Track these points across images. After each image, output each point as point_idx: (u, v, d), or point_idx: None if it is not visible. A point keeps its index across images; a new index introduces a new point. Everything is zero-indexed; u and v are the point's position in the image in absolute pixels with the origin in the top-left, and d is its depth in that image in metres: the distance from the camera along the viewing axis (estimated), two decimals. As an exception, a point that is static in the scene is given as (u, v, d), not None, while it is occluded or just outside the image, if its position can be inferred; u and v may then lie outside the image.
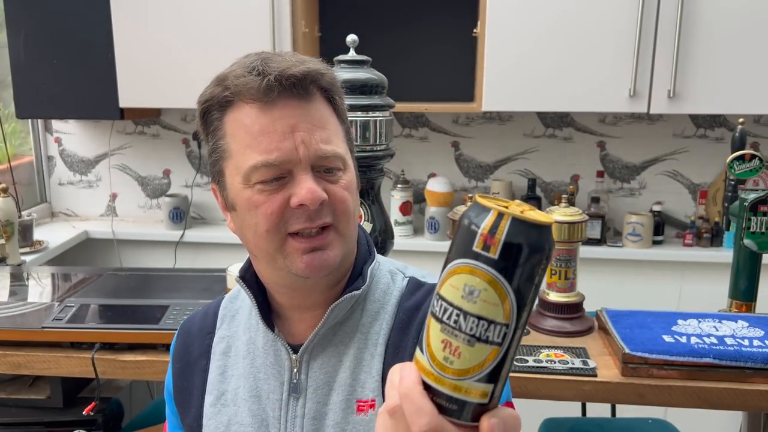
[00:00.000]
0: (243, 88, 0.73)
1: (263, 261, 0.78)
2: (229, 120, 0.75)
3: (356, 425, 0.77)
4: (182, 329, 0.91)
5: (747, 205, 1.52)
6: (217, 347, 0.86)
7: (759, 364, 1.27)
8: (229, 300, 0.90)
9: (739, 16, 2.05)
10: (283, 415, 0.79)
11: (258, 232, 0.74)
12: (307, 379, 0.79)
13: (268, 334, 0.81)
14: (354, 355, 0.79)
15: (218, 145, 0.76)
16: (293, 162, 0.73)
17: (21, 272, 1.86)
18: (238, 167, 0.74)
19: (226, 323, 0.87)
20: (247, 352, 0.83)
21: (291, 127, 0.73)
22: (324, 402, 0.79)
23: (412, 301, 0.81)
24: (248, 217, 0.75)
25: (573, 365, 1.34)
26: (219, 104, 0.75)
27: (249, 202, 0.74)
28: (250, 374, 0.82)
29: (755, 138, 2.46)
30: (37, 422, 1.55)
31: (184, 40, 2.30)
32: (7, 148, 2.58)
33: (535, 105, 2.22)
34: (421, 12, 2.51)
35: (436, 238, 2.50)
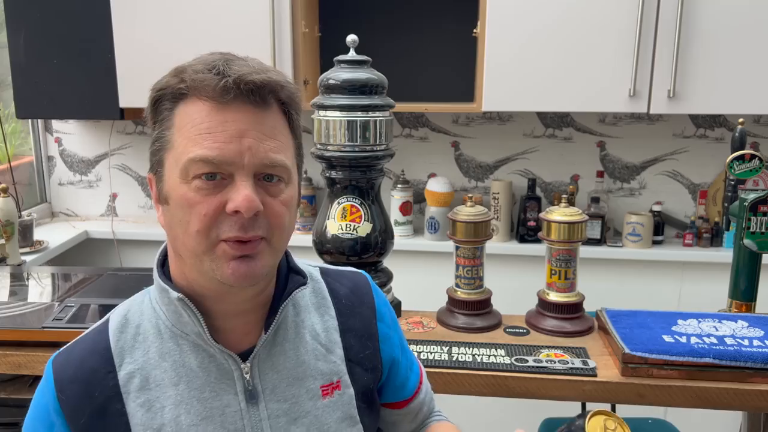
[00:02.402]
0: (199, 84, 0.72)
1: (189, 261, 0.75)
2: (179, 113, 0.73)
3: (326, 408, 0.82)
4: (61, 379, 0.76)
5: (747, 205, 1.52)
6: (129, 385, 0.76)
7: (759, 364, 1.27)
8: (118, 331, 0.79)
9: (739, 17, 2.05)
10: (248, 424, 0.78)
11: (188, 231, 0.72)
12: (261, 383, 0.80)
13: (200, 351, 0.78)
14: (302, 349, 0.83)
15: (163, 135, 0.74)
16: (235, 165, 0.71)
17: (21, 272, 1.86)
18: (177, 160, 0.72)
19: (128, 356, 0.77)
20: (176, 378, 0.77)
21: (240, 132, 0.72)
22: (284, 398, 0.81)
23: (343, 288, 0.90)
24: (180, 214, 0.73)
25: (573, 365, 1.34)
26: (172, 95, 0.74)
27: (184, 199, 0.72)
28: (190, 398, 0.77)
29: (755, 138, 2.46)
30: (37, 422, 1.55)
31: (184, 40, 2.30)
32: (7, 148, 2.58)
33: (535, 105, 2.22)
34: (421, 12, 2.51)
35: (436, 238, 2.50)
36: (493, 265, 1.97)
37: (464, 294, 1.56)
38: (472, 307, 1.55)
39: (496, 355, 1.39)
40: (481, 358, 1.38)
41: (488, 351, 1.41)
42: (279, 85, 0.75)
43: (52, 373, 0.77)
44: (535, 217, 2.47)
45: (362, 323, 0.90)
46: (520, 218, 2.52)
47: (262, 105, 0.74)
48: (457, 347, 1.43)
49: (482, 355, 1.39)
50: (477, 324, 1.53)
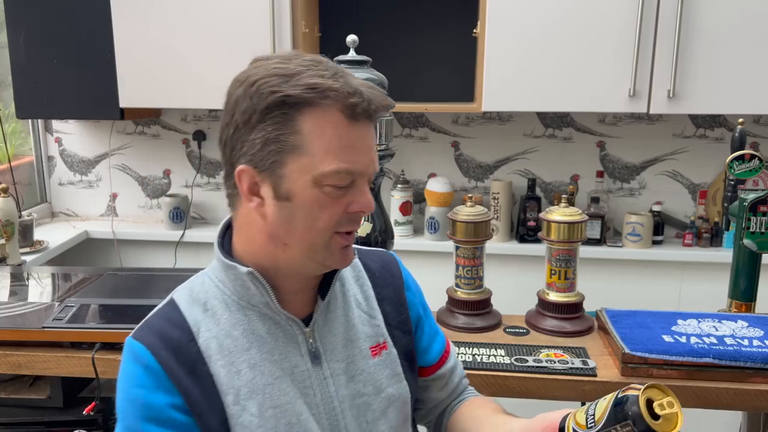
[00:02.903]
0: (339, 98, 0.79)
1: (298, 250, 0.84)
2: (309, 119, 0.79)
3: (377, 366, 0.94)
4: (153, 346, 0.84)
5: (747, 205, 1.52)
6: (209, 350, 0.85)
7: (759, 363, 1.27)
8: (189, 307, 0.88)
9: (739, 17, 2.05)
10: (315, 382, 0.88)
11: (314, 226, 0.82)
12: (321, 345, 0.90)
13: (267, 319, 0.87)
14: (351, 315, 0.94)
15: (284, 138, 0.79)
16: (363, 175, 0.83)
17: (21, 272, 1.86)
18: (312, 167, 0.80)
19: (203, 327, 0.86)
20: (248, 344, 0.86)
21: (368, 147, 0.84)
22: (342, 358, 0.91)
23: (374, 264, 1.03)
24: (307, 212, 0.82)
25: (573, 365, 1.35)
26: (299, 102, 0.79)
27: (315, 200, 0.81)
28: (263, 361, 0.86)
29: (755, 138, 2.46)
30: (37, 422, 1.55)
31: (185, 40, 2.30)
32: (8, 148, 2.59)
33: (535, 105, 2.22)
34: (421, 12, 2.51)
35: (436, 238, 2.50)
36: (493, 265, 1.97)
37: (464, 294, 1.56)
38: (472, 307, 1.55)
39: (496, 355, 1.39)
40: (481, 358, 1.38)
41: (488, 351, 1.41)
42: (392, 107, 0.87)
43: (141, 344, 0.84)
44: (535, 217, 2.47)
45: (394, 293, 1.02)
46: (520, 218, 2.52)
47: (375, 123, 0.86)
48: (457, 347, 1.43)
49: (482, 355, 1.39)
50: (477, 324, 1.54)
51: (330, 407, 0.89)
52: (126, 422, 0.83)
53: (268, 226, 0.84)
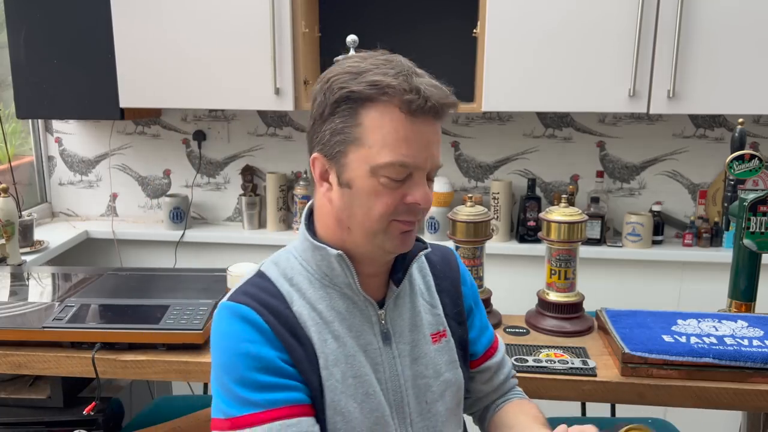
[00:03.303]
0: (397, 94, 0.85)
1: (360, 235, 0.91)
2: (370, 114, 0.86)
3: (437, 352, 1.00)
4: (257, 308, 0.90)
5: (746, 205, 1.52)
6: (302, 318, 0.91)
7: (758, 363, 1.27)
8: (280, 279, 0.95)
9: (739, 17, 2.05)
10: (386, 360, 0.95)
11: (370, 214, 0.89)
12: (392, 327, 0.97)
13: (347, 299, 0.94)
14: (416, 302, 1.01)
15: (348, 130, 0.87)
16: (419, 169, 0.88)
17: (21, 272, 1.86)
18: (369, 158, 0.86)
19: (295, 298, 0.93)
20: (331, 318, 0.93)
21: (428, 142, 0.89)
22: (407, 341, 0.98)
23: (435, 256, 1.09)
24: (364, 200, 0.88)
25: (573, 365, 1.35)
26: (361, 98, 0.86)
27: (372, 189, 0.87)
28: (344, 335, 0.93)
29: (755, 138, 2.47)
30: (37, 422, 1.55)
31: (185, 40, 2.30)
32: (8, 148, 2.59)
33: (535, 105, 2.22)
34: (421, 12, 2.51)
35: (436, 238, 2.50)
36: (493, 265, 1.97)
37: (464, 294, 1.56)
38: (472, 307, 1.55)
39: (496, 355, 1.39)
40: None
41: (488, 351, 1.41)
42: (455, 106, 0.92)
43: (246, 306, 0.90)
44: (535, 217, 2.47)
45: (452, 285, 1.08)
46: (520, 218, 2.52)
47: (441, 120, 0.91)
48: (457, 347, 1.43)
49: (482, 355, 1.39)
50: (477, 324, 1.53)
51: (396, 384, 0.96)
52: (235, 375, 0.87)
53: (334, 211, 0.92)
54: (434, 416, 0.99)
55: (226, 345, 0.89)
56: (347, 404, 0.90)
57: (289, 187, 2.68)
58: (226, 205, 2.80)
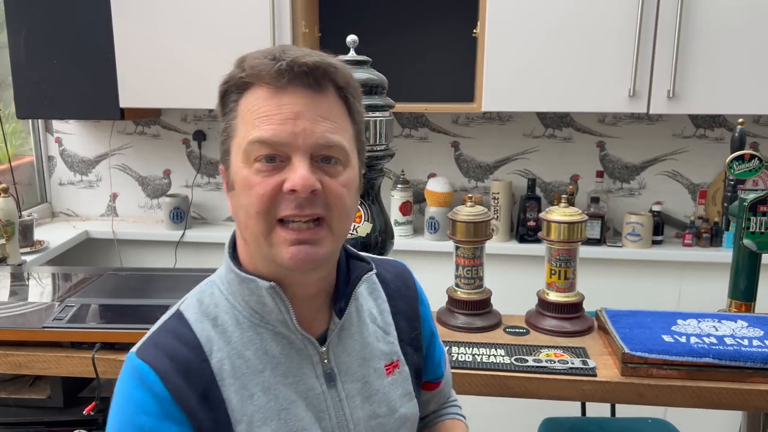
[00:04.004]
0: (256, 70, 0.75)
1: (252, 245, 0.78)
2: (243, 102, 0.76)
3: (391, 385, 0.89)
4: (162, 369, 0.75)
5: (746, 205, 1.52)
6: (222, 372, 0.78)
7: (758, 363, 1.27)
8: (198, 322, 0.80)
9: (739, 17, 2.05)
10: (331, 404, 0.83)
11: (249, 213, 0.75)
12: (336, 365, 0.84)
13: (281, 339, 0.81)
14: (365, 332, 0.88)
15: (229, 125, 0.77)
16: (291, 147, 0.73)
17: (21, 272, 1.86)
18: (239, 145, 0.76)
19: (214, 345, 0.78)
20: (261, 366, 0.79)
21: (296, 114, 0.74)
22: (357, 379, 0.86)
23: (388, 274, 0.96)
24: (243, 198, 0.75)
25: (573, 365, 1.35)
26: (236, 86, 0.77)
27: (245, 182, 0.75)
28: (276, 384, 0.80)
29: (755, 138, 2.47)
30: (37, 422, 1.55)
31: (185, 40, 2.30)
32: (8, 148, 2.59)
33: (535, 105, 2.22)
34: (421, 12, 2.52)
35: (436, 238, 2.50)
36: (493, 265, 1.97)
37: (464, 294, 1.56)
38: (472, 307, 1.55)
39: (496, 355, 1.39)
40: (481, 358, 1.38)
41: (488, 351, 1.41)
42: (332, 67, 0.76)
43: (148, 366, 0.76)
44: (535, 217, 2.47)
45: (408, 306, 0.95)
46: (520, 218, 2.52)
47: (317, 88, 0.75)
48: (457, 347, 1.43)
49: (482, 355, 1.39)
50: (477, 324, 1.54)
51: (345, 431, 0.84)
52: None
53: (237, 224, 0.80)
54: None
55: (121, 412, 0.76)
56: None
57: (289, 187, 2.67)
58: (226, 205, 2.79)
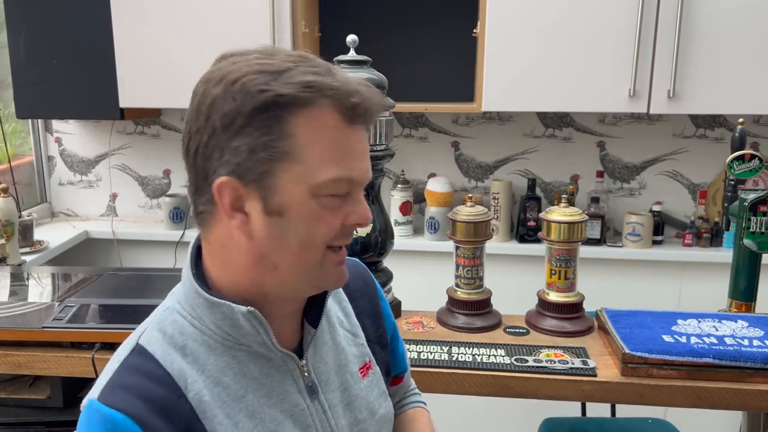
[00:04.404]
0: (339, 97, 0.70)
1: (290, 272, 0.74)
2: (301, 122, 0.69)
3: (367, 388, 0.88)
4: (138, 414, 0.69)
5: (747, 205, 1.52)
6: (202, 405, 0.73)
7: (759, 364, 1.27)
8: (166, 355, 0.74)
9: (739, 16, 2.05)
10: (316, 419, 0.81)
11: (309, 243, 0.73)
12: (317, 377, 0.83)
13: (259, 358, 0.77)
14: (336, 337, 0.87)
15: (274, 144, 0.69)
16: (360, 183, 0.75)
17: (21, 272, 1.86)
18: (308, 176, 0.70)
19: (189, 378, 0.73)
20: (242, 390, 0.76)
21: (364, 151, 0.75)
22: (336, 387, 0.84)
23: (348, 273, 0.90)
24: (303, 228, 0.72)
25: (573, 365, 1.35)
26: (291, 103, 0.69)
27: (312, 213, 0.72)
28: (261, 406, 0.76)
29: (755, 138, 2.47)
30: (37, 422, 1.55)
31: (184, 40, 2.30)
32: (8, 148, 2.59)
33: (535, 105, 2.22)
34: (421, 12, 2.51)
35: (436, 238, 2.50)
36: (493, 265, 1.97)
37: (464, 294, 1.56)
38: (472, 307, 1.55)
39: (496, 355, 1.39)
40: (481, 358, 1.38)
41: (488, 351, 1.41)
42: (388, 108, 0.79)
43: (121, 414, 0.69)
44: (535, 217, 2.47)
45: (370, 304, 0.95)
46: (520, 218, 2.52)
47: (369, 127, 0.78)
48: (457, 347, 1.43)
49: (482, 355, 1.39)
50: (477, 324, 1.54)
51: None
52: None
53: (254, 247, 0.73)
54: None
55: None
56: None
57: (289, 187, 2.67)
58: (226, 205, 2.80)
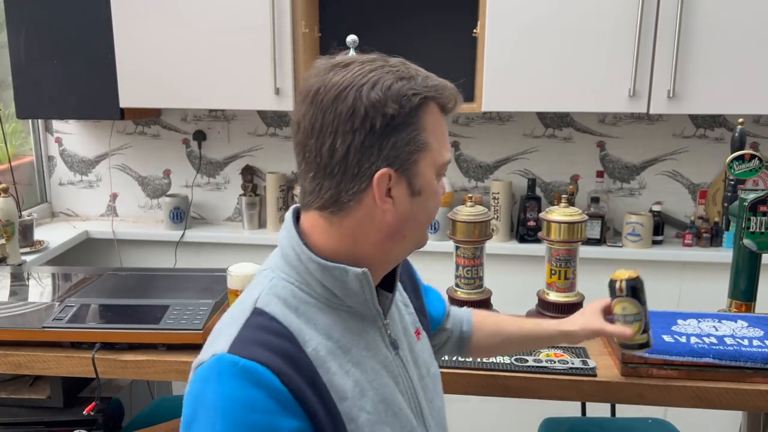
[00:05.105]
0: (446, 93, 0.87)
1: (412, 240, 0.90)
2: (425, 117, 0.84)
3: (422, 349, 1.00)
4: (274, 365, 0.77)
5: (746, 205, 1.52)
6: (318, 358, 0.81)
7: (758, 363, 1.27)
8: (284, 316, 0.83)
9: (739, 17, 2.05)
10: (401, 371, 0.92)
11: (431, 215, 0.90)
12: (395, 335, 0.94)
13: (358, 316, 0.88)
14: (398, 304, 1.00)
15: (416, 137, 0.83)
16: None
17: (21, 272, 1.86)
18: (434, 161, 0.86)
19: (306, 335, 0.82)
20: (349, 345, 0.85)
21: None
22: (405, 346, 0.96)
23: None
24: (430, 203, 0.88)
25: (573, 365, 1.35)
26: (425, 102, 0.84)
27: (435, 190, 0.88)
28: (362, 358, 0.86)
29: (755, 138, 2.47)
30: (37, 422, 1.55)
31: (184, 40, 2.30)
32: (8, 148, 2.59)
33: (535, 105, 2.22)
34: (421, 12, 2.51)
35: (436, 238, 2.50)
36: (493, 265, 1.97)
37: (464, 294, 1.56)
38: (472, 307, 1.55)
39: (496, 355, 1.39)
40: (481, 358, 1.38)
41: (488, 351, 1.41)
42: None
43: (258, 364, 0.76)
44: (535, 217, 2.47)
45: (409, 278, 1.09)
46: (520, 218, 2.52)
47: None
48: (457, 347, 1.43)
49: (482, 355, 1.39)
50: (477, 324, 1.53)
51: (413, 391, 0.93)
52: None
53: (395, 223, 0.85)
54: (438, 412, 0.99)
55: (229, 415, 0.74)
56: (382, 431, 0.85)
57: (289, 187, 2.68)
58: (226, 205, 2.80)
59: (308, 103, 0.83)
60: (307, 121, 0.83)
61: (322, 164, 0.82)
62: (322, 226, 0.86)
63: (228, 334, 0.80)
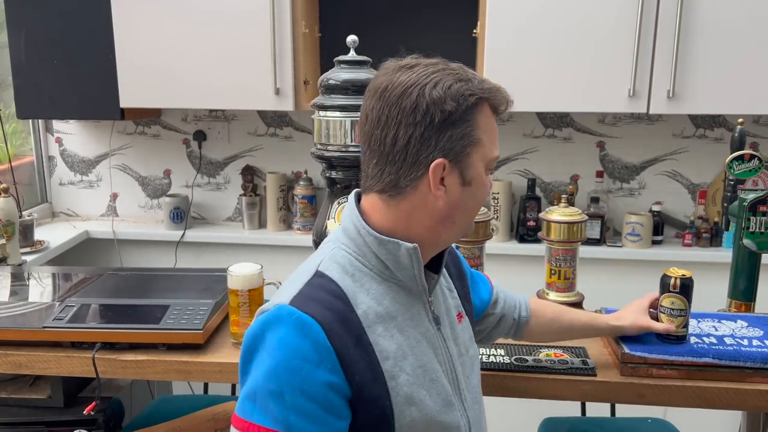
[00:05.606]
0: (492, 93, 0.95)
1: (460, 226, 0.98)
2: (479, 116, 0.93)
3: (463, 330, 1.09)
4: (325, 320, 0.87)
5: (746, 205, 1.52)
6: (367, 320, 0.91)
7: (758, 363, 1.27)
8: (340, 279, 0.93)
9: (739, 16, 2.05)
10: (440, 343, 1.00)
11: (479, 204, 0.99)
12: (438, 312, 1.03)
13: (406, 290, 0.97)
14: (442, 287, 1.08)
15: (470, 133, 0.92)
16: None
17: (22, 272, 1.86)
18: (485, 155, 0.95)
19: (358, 298, 0.92)
20: (395, 312, 0.95)
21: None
22: (447, 324, 1.04)
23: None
24: (479, 193, 0.97)
25: (573, 365, 1.35)
26: (479, 102, 0.93)
27: (485, 182, 0.97)
28: (406, 327, 0.95)
29: (754, 138, 2.47)
30: (37, 422, 1.55)
31: (185, 40, 2.30)
32: (8, 148, 2.59)
33: (535, 105, 2.22)
34: (421, 12, 2.52)
35: (436, 238, 2.50)
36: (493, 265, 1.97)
37: (464, 294, 1.56)
38: (472, 307, 1.55)
39: (496, 355, 1.39)
40: (481, 358, 1.38)
41: (488, 351, 1.41)
42: None
43: (311, 318, 0.87)
44: (535, 217, 2.48)
45: (455, 266, 1.16)
46: (520, 218, 2.52)
47: None
48: (457, 347, 1.43)
49: (482, 355, 1.39)
50: (477, 324, 1.53)
51: (451, 365, 1.01)
52: (275, 385, 0.85)
53: (446, 210, 0.94)
54: (474, 389, 1.07)
55: (276, 355, 0.85)
56: (419, 393, 0.93)
57: (289, 187, 2.68)
58: (227, 205, 2.80)
59: (376, 98, 0.93)
60: (374, 114, 0.93)
61: (384, 152, 0.92)
62: (380, 207, 0.96)
63: (291, 290, 0.92)
